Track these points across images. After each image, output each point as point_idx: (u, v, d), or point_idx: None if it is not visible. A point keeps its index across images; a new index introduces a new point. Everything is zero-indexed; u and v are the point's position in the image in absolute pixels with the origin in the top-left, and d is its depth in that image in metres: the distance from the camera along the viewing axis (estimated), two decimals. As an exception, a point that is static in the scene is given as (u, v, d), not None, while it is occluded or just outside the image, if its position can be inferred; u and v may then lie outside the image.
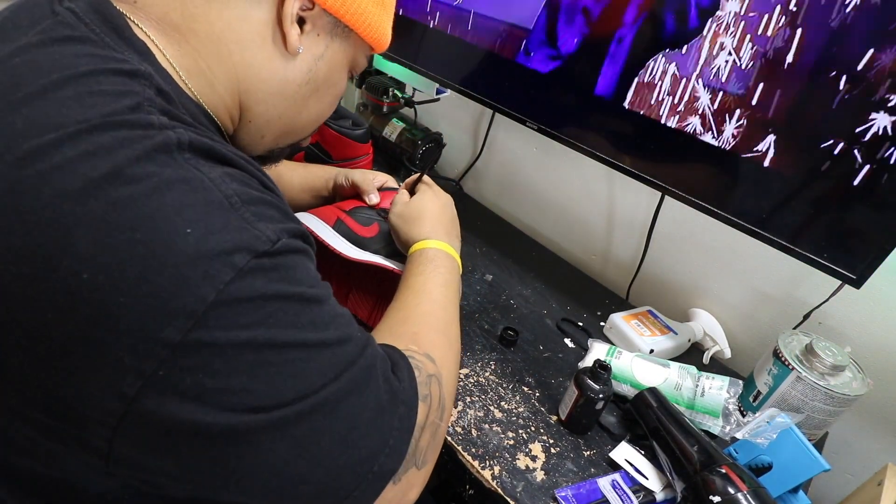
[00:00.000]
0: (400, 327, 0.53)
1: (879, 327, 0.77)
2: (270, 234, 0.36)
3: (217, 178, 0.36)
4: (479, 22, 0.93)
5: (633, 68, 0.76)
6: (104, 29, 0.40)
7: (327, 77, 0.51)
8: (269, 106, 0.50)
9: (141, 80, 0.38)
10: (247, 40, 0.45)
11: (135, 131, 0.35)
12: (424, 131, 1.18)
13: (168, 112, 0.38)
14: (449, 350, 0.54)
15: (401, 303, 0.57)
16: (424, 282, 0.60)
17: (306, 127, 0.56)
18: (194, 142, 0.37)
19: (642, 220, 0.98)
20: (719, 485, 0.55)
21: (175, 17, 0.43)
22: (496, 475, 0.61)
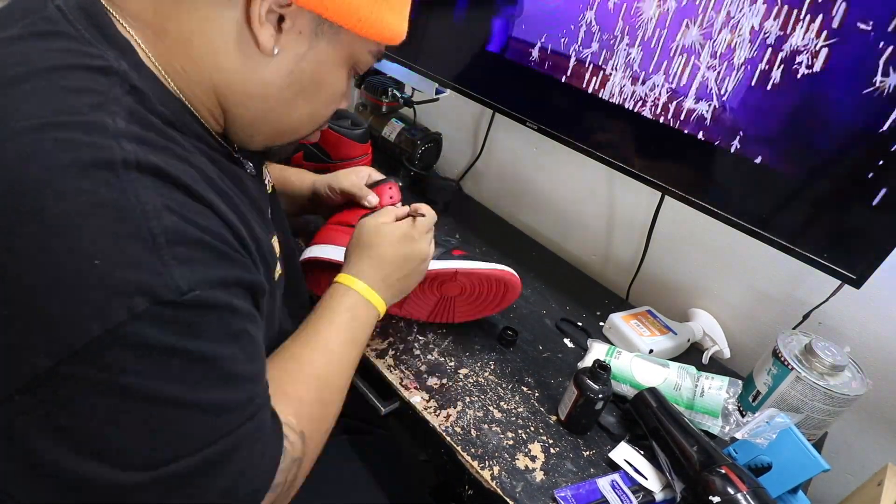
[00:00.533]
0: (289, 384, 0.49)
1: (879, 327, 0.77)
2: (182, 284, 0.34)
3: (151, 210, 0.34)
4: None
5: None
6: (86, 25, 0.39)
7: (315, 77, 0.48)
8: (251, 108, 0.47)
9: (111, 77, 0.37)
10: (218, 42, 0.42)
11: (84, 136, 0.34)
12: (424, 131, 1.18)
13: (134, 113, 0.37)
14: (324, 424, 0.52)
15: (298, 351, 0.53)
16: (330, 336, 0.55)
17: (300, 127, 0.53)
18: (143, 161, 0.35)
19: (642, 220, 0.98)
20: (719, 485, 0.55)
21: (148, 15, 0.42)
22: (495, 475, 0.61)
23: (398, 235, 0.63)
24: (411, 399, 0.68)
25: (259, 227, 0.48)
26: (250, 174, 0.54)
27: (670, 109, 0.73)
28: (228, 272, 0.38)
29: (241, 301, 0.40)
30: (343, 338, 0.56)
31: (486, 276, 0.73)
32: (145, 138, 0.37)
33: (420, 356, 0.75)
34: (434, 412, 0.67)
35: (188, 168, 0.39)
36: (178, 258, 0.34)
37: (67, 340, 0.31)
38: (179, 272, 0.34)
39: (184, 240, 0.35)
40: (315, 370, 0.52)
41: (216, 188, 0.42)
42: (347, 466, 0.72)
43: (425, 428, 0.66)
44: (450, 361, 0.75)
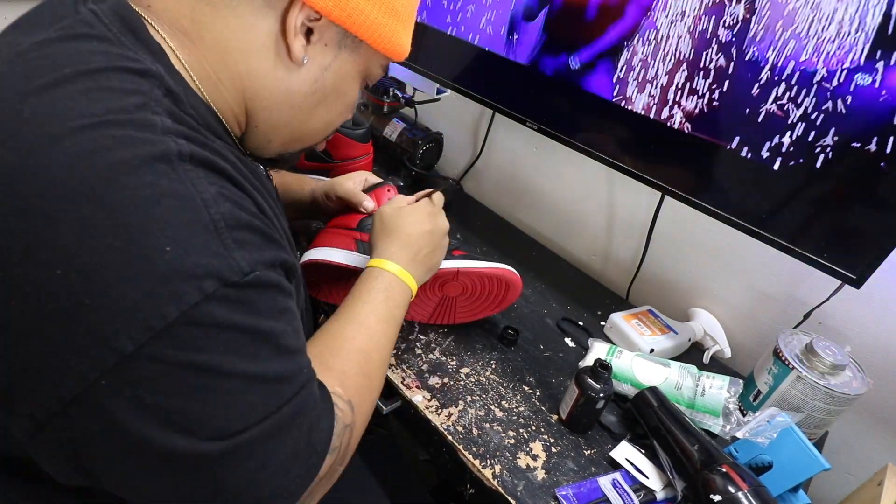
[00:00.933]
0: (331, 359, 0.52)
1: (879, 327, 0.77)
2: (244, 265, 0.36)
3: (209, 198, 0.36)
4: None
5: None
6: (122, 29, 0.41)
7: (335, 87, 0.51)
8: (275, 113, 0.50)
9: (151, 80, 0.39)
10: (252, 50, 0.45)
11: (138, 133, 0.35)
12: (424, 131, 1.18)
13: (173, 114, 0.39)
14: (369, 395, 0.54)
15: (338, 328, 0.56)
16: (368, 313, 0.58)
17: (315, 134, 0.56)
18: (195, 154, 0.37)
19: (642, 220, 0.98)
20: (720, 484, 0.56)
21: (185, 23, 0.44)
22: (497, 474, 0.61)
23: (421, 214, 0.66)
24: (413, 398, 0.68)
25: (280, 219, 0.51)
26: (265, 175, 0.56)
27: (669, 107, 0.74)
28: (276, 254, 0.40)
29: (287, 281, 0.43)
30: (380, 316, 0.58)
31: (488, 276, 0.73)
32: (188, 135, 0.39)
33: (421, 355, 0.75)
34: (435, 411, 0.67)
35: (224, 163, 0.41)
36: (238, 241, 0.37)
37: (149, 323, 0.33)
38: (240, 254, 0.36)
39: (240, 224, 0.37)
40: (356, 345, 0.55)
41: (249, 181, 0.44)
42: (348, 466, 0.72)
43: (427, 427, 0.66)
44: (451, 361, 0.75)
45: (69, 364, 0.32)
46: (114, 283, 0.33)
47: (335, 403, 0.47)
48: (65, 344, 0.32)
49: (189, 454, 0.36)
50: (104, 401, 0.33)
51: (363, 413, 0.52)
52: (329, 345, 0.54)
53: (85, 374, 0.33)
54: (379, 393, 0.56)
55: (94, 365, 0.33)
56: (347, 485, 0.67)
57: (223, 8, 0.43)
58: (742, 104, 0.67)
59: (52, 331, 0.32)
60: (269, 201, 0.49)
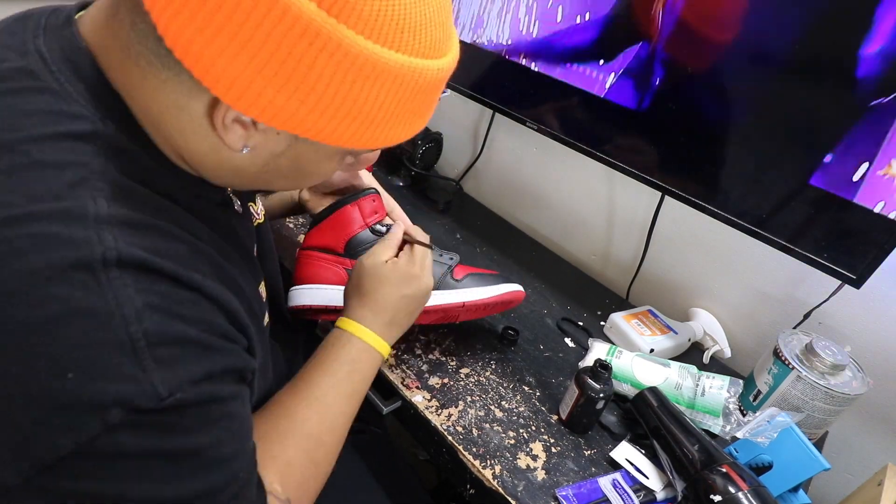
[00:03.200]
0: (278, 445, 0.48)
1: (879, 327, 0.77)
2: (161, 390, 0.32)
3: (132, 312, 0.32)
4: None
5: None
6: (70, 78, 0.36)
7: (295, 168, 0.43)
8: (227, 182, 0.45)
9: (95, 144, 0.35)
10: (186, 129, 0.38)
11: (62, 228, 0.31)
12: (424, 131, 1.18)
13: (118, 186, 0.35)
14: (314, 483, 0.50)
15: (292, 406, 0.51)
16: (328, 388, 0.53)
17: (284, 189, 0.50)
18: (124, 256, 0.33)
19: (642, 220, 0.98)
20: (720, 484, 0.56)
21: (118, 75, 0.38)
22: (497, 474, 0.61)
23: (399, 276, 0.60)
24: (413, 398, 0.68)
25: (248, 283, 0.47)
26: (237, 212, 0.52)
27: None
28: (215, 365, 0.37)
29: (227, 386, 0.39)
30: (341, 391, 0.54)
31: (494, 303, 0.71)
32: (130, 219, 0.34)
33: (421, 355, 0.75)
34: (435, 411, 0.67)
35: (177, 245, 0.37)
36: (159, 360, 0.33)
37: (38, 456, 0.30)
38: (160, 376, 0.33)
39: (166, 339, 0.33)
40: (308, 429, 0.50)
41: (208, 259, 0.40)
42: (347, 466, 0.72)
43: (427, 427, 0.66)
44: (451, 361, 0.75)
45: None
46: (5, 412, 0.30)
47: (270, 501, 0.43)
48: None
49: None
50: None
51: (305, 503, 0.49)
52: (278, 426, 0.49)
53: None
54: (327, 476, 0.52)
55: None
56: (347, 485, 0.67)
57: (152, 78, 0.36)
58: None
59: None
60: (239, 263, 0.46)
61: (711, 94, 0.70)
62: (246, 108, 0.35)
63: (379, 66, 0.35)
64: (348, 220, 0.69)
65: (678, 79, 0.72)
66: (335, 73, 0.34)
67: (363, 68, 0.35)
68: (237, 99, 0.34)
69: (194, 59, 0.33)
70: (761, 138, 0.67)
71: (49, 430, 0.30)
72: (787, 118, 0.65)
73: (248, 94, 0.34)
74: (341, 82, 0.35)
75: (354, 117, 0.37)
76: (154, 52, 0.35)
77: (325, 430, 0.51)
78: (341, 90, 0.35)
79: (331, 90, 0.35)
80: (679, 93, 0.73)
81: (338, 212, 0.69)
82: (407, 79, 0.37)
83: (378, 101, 0.37)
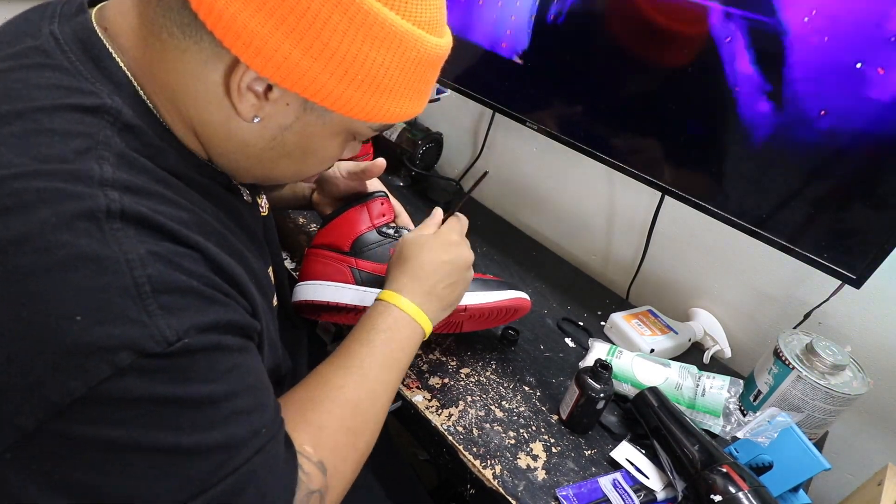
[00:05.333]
0: (311, 411, 0.47)
1: (879, 327, 0.77)
2: (168, 334, 0.33)
3: (136, 258, 0.33)
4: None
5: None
6: (81, 57, 0.38)
7: (301, 146, 0.45)
8: (232, 160, 0.46)
9: (102, 118, 0.36)
10: (201, 99, 0.41)
11: (66, 185, 0.33)
12: (424, 131, 1.19)
13: (123, 157, 0.36)
14: (353, 453, 0.48)
15: (328, 374, 0.50)
16: (364, 356, 0.52)
17: (284, 180, 0.51)
18: (128, 210, 0.34)
19: (642, 220, 0.98)
20: (720, 484, 0.56)
21: (136, 53, 0.41)
22: (497, 474, 0.61)
23: (440, 242, 0.60)
24: (413, 398, 0.68)
25: (255, 259, 0.47)
26: (246, 202, 0.53)
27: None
28: (219, 316, 0.37)
29: (234, 338, 0.39)
30: (378, 360, 0.52)
31: (498, 308, 0.70)
32: (133, 185, 0.35)
33: (421, 355, 0.75)
34: (436, 411, 0.67)
35: (179, 212, 0.38)
36: (165, 307, 0.33)
37: (51, 399, 0.31)
38: (166, 322, 0.33)
39: (170, 287, 0.34)
40: (344, 396, 0.49)
41: (209, 229, 0.41)
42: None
43: (427, 427, 0.66)
44: (451, 361, 0.75)
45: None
46: (16, 356, 0.30)
47: (300, 466, 0.43)
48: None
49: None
50: (9, 475, 0.32)
51: (342, 474, 0.47)
52: (313, 394, 0.49)
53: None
54: (369, 449, 0.51)
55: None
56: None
57: (172, 49, 0.39)
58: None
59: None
60: (245, 242, 0.46)
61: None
62: (262, 66, 0.37)
63: (386, 28, 0.38)
64: (356, 220, 0.69)
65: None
66: (347, 29, 0.37)
67: (373, 27, 0.38)
68: (255, 56, 0.37)
69: (216, 18, 0.36)
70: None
71: (60, 372, 0.31)
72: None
73: (265, 50, 0.37)
74: (353, 40, 0.38)
75: (361, 80, 0.40)
76: (177, 23, 0.38)
77: (362, 398, 0.50)
78: (352, 48, 0.38)
79: (343, 47, 0.38)
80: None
81: (346, 213, 0.70)
82: (410, 46, 0.40)
83: (384, 65, 0.40)
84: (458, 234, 0.63)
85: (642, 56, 0.75)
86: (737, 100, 0.67)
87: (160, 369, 0.33)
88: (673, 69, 0.72)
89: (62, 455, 0.32)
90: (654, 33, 0.73)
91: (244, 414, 0.38)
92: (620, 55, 0.77)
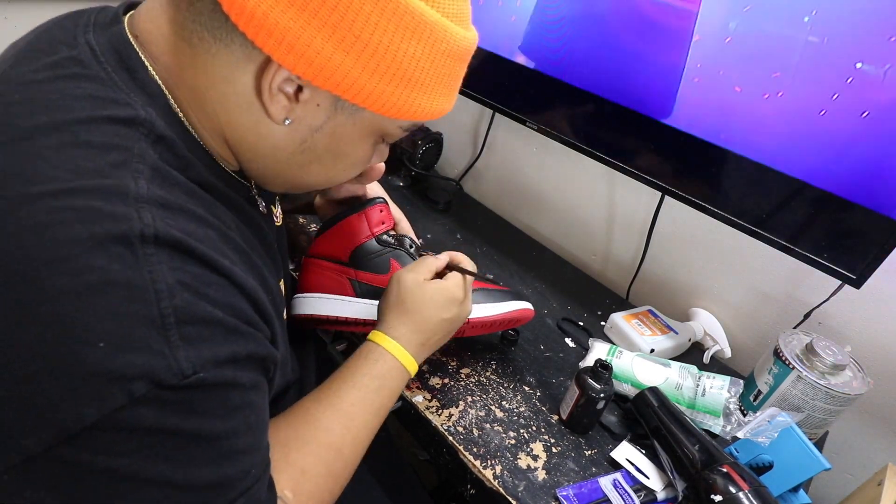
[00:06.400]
0: (296, 451, 0.47)
1: (879, 327, 0.77)
2: (185, 367, 0.33)
3: (164, 288, 0.33)
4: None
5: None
6: (116, 67, 0.39)
7: (331, 149, 0.45)
8: (262, 165, 0.46)
9: (137, 130, 0.37)
10: (231, 103, 0.41)
11: (104, 204, 0.33)
12: (424, 131, 1.19)
13: (158, 170, 0.36)
14: (328, 498, 0.49)
15: (316, 414, 0.50)
16: (355, 401, 0.52)
17: (315, 186, 0.51)
18: (161, 233, 0.34)
19: (642, 220, 0.98)
20: (720, 484, 0.56)
21: (168, 59, 0.41)
22: (498, 474, 0.61)
23: (445, 299, 0.59)
24: (413, 399, 0.68)
25: (271, 275, 0.48)
26: (262, 212, 0.53)
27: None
28: (239, 348, 0.37)
29: (249, 373, 0.39)
30: (368, 406, 0.53)
31: (500, 321, 0.70)
32: (167, 201, 0.36)
33: (421, 356, 0.75)
34: (436, 412, 0.67)
35: (208, 231, 0.38)
36: (186, 338, 0.33)
37: (64, 424, 0.30)
38: (185, 354, 0.33)
39: (194, 318, 0.34)
40: (330, 439, 0.49)
41: (235, 247, 0.41)
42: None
43: (427, 428, 0.66)
44: (451, 361, 0.75)
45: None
46: (35, 377, 0.30)
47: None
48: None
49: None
50: (7, 498, 0.31)
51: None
52: (300, 432, 0.49)
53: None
54: (342, 489, 0.51)
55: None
56: (347, 485, 0.67)
57: (203, 53, 0.39)
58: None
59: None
60: (264, 257, 0.46)
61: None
62: (294, 63, 0.37)
63: (417, 18, 0.38)
64: (354, 229, 0.68)
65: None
66: (379, 20, 0.37)
67: (404, 18, 0.38)
68: (287, 53, 0.37)
69: (248, 18, 0.36)
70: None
71: (76, 398, 0.30)
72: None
73: (297, 45, 0.37)
74: (384, 31, 0.38)
75: (393, 73, 0.39)
76: (207, 27, 0.38)
77: (346, 443, 0.50)
78: (384, 40, 0.38)
79: (375, 39, 0.38)
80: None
81: (344, 221, 0.68)
82: (440, 38, 0.40)
83: (415, 57, 0.40)
84: (465, 290, 0.61)
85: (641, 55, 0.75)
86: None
87: (172, 401, 0.33)
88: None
89: (59, 481, 0.32)
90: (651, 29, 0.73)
91: (240, 453, 0.38)
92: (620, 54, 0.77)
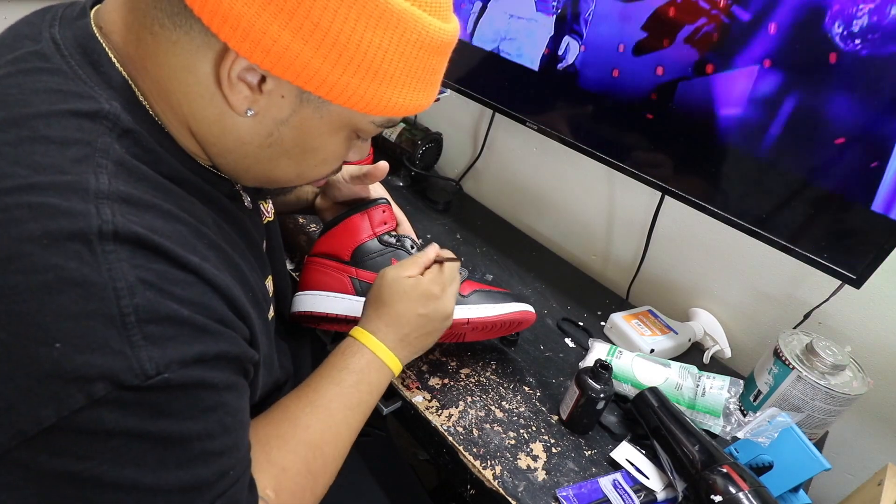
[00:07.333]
0: (276, 450, 0.46)
1: (879, 327, 0.77)
2: (149, 367, 0.32)
3: (124, 286, 0.31)
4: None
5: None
6: (81, 61, 0.38)
7: (299, 143, 0.43)
8: (231, 160, 0.44)
9: (101, 123, 0.35)
10: (194, 93, 0.39)
11: (61, 200, 0.31)
12: (424, 131, 1.19)
13: (122, 164, 0.35)
14: (310, 496, 0.48)
15: (296, 411, 0.50)
16: (333, 397, 0.51)
17: (288, 182, 0.49)
18: (121, 230, 0.32)
19: (642, 220, 0.98)
20: (720, 484, 0.56)
21: (131, 49, 0.39)
22: (497, 475, 0.61)
23: (419, 293, 0.58)
24: (413, 399, 0.68)
25: (253, 273, 0.46)
26: (247, 208, 0.52)
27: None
28: (208, 348, 0.35)
29: (221, 373, 0.37)
30: (347, 402, 0.52)
31: (501, 322, 0.69)
32: (131, 196, 0.34)
33: (421, 356, 0.75)
34: (436, 412, 0.67)
35: (177, 226, 0.36)
36: (150, 338, 0.32)
37: (19, 426, 0.30)
38: (148, 354, 0.32)
39: (158, 317, 0.33)
40: (309, 436, 0.49)
41: (209, 243, 0.40)
42: (347, 467, 0.72)
43: (427, 428, 0.66)
44: (451, 361, 0.75)
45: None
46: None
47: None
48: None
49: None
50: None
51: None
52: (280, 431, 0.48)
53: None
54: (325, 489, 0.50)
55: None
56: (346, 486, 0.67)
57: (164, 41, 0.38)
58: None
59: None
60: (244, 253, 0.45)
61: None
62: (251, 52, 0.35)
63: (380, 7, 0.36)
64: (356, 228, 0.68)
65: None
66: (339, 8, 0.35)
67: (366, 6, 0.35)
68: (242, 40, 0.35)
69: (202, 2, 0.35)
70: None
71: (33, 399, 0.30)
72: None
73: (252, 33, 0.35)
74: (345, 19, 0.35)
75: (358, 65, 0.37)
76: (167, 13, 0.37)
77: (327, 440, 0.50)
78: (345, 28, 0.35)
79: (335, 27, 0.35)
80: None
81: (347, 220, 0.69)
82: (409, 28, 0.38)
83: (381, 48, 0.37)
84: (441, 286, 0.60)
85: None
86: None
87: (135, 403, 0.32)
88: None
89: (17, 485, 0.31)
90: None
91: (215, 455, 0.37)
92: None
